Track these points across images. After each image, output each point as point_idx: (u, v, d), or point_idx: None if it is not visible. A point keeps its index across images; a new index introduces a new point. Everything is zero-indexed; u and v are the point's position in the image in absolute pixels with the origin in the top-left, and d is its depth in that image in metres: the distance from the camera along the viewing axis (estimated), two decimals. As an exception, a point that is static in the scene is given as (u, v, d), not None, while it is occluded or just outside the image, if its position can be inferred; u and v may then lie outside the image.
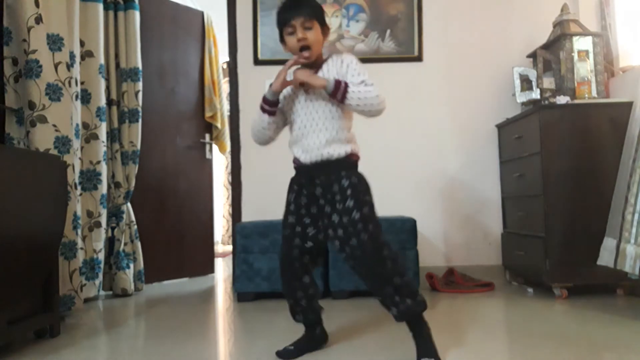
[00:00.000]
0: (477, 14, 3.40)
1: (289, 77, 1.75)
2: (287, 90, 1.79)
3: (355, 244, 1.61)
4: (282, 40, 1.78)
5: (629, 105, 2.47)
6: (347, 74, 1.71)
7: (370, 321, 2.25)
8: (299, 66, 1.76)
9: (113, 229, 3.15)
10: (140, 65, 3.26)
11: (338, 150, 1.71)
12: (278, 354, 1.76)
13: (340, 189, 1.68)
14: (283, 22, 1.73)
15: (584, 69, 2.84)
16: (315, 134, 1.72)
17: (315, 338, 1.84)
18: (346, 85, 1.66)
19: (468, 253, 3.32)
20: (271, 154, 3.41)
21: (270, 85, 1.75)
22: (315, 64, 1.76)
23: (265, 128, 1.80)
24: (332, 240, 1.69)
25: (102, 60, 3.00)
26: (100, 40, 2.99)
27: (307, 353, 1.79)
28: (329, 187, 1.70)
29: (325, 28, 1.77)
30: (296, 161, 1.80)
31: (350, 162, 1.73)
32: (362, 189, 1.70)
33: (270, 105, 1.77)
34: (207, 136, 3.95)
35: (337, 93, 1.65)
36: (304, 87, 1.72)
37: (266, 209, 3.15)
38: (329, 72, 1.74)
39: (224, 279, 3.76)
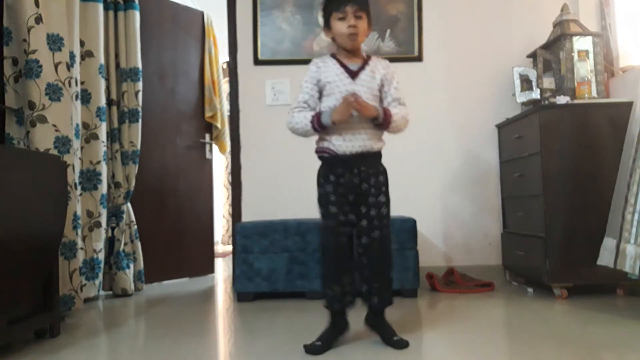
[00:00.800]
0: (477, 14, 3.40)
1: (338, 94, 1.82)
2: (332, 77, 1.83)
3: (377, 236, 1.81)
4: (327, 25, 1.85)
5: (629, 105, 2.47)
6: (391, 83, 1.88)
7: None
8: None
9: (113, 229, 3.15)
10: (140, 65, 3.26)
11: (378, 144, 1.86)
12: (306, 349, 1.77)
13: (376, 183, 1.83)
14: (335, 7, 1.79)
15: (584, 69, 2.84)
16: (361, 125, 1.81)
17: (341, 325, 1.87)
18: (390, 115, 1.82)
19: (468, 253, 3.32)
20: (271, 154, 3.42)
21: (330, 115, 1.78)
22: (356, 54, 1.86)
23: (306, 135, 1.88)
24: (362, 222, 1.83)
25: (102, 60, 3.00)
26: (100, 40, 2.99)
27: (333, 345, 1.82)
28: (368, 178, 1.82)
29: (370, 22, 1.85)
30: (329, 151, 1.83)
31: (381, 156, 1.90)
32: (388, 187, 1.88)
33: (324, 129, 1.83)
34: (207, 136, 3.95)
35: (384, 124, 1.82)
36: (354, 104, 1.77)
37: (266, 209, 3.16)
38: (377, 70, 1.86)
39: (224, 279, 3.76)
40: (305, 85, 1.87)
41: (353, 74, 1.84)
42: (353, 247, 1.86)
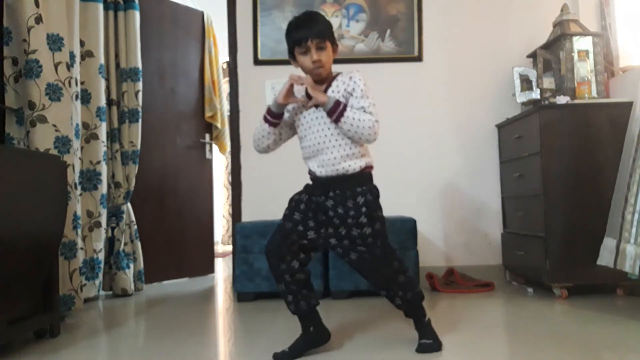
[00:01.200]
0: (477, 14, 3.40)
1: (297, 93, 1.80)
2: (295, 106, 1.83)
3: (364, 248, 1.73)
4: (292, 56, 1.82)
5: (629, 105, 2.46)
6: (353, 93, 1.76)
7: (371, 320, 2.25)
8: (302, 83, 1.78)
9: (113, 229, 3.15)
10: (140, 65, 3.26)
11: (353, 166, 1.76)
12: (275, 356, 1.74)
13: (355, 206, 1.73)
14: (296, 41, 1.76)
15: (584, 69, 2.84)
16: (329, 151, 1.76)
17: (311, 336, 1.80)
18: (344, 108, 1.71)
19: (468, 253, 3.32)
20: (271, 154, 3.40)
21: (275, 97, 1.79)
22: (324, 80, 1.81)
23: (265, 137, 1.84)
24: (334, 248, 1.78)
25: (102, 60, 3.00)
26: (100, 40, 2.99)
27: (304, 354, 1.76)
28: (344, 202, 1.74)
29: (335, 46, 1.81)
30: (312, 173, 1.83)
31: (365, 175, 1.80)
32: (376, 206, 1.77)
33: (273, 117, 1.81)
34: (207, 136, 3.95)
35: (334, 114, 1.72)
36: (311, 101, 1.76)
37: (266, 209, 3.15)
38: (338, 88, 1.78)
39: (224, 279, 3.76)
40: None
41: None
42: (297, 255, 1.78)
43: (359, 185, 1.77)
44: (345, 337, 1.97)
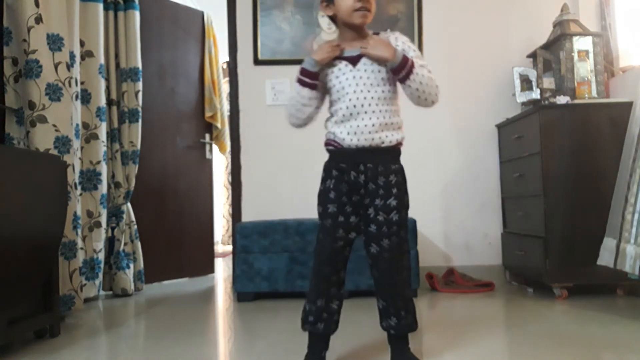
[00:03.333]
0: (477, 13, 3.40)
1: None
2: (330, 67, 1.60)
3: (387, 245, 1.55)
4: (327, 1, 1.58)
5: (629, 105, 2.46)
6: (408, 52, 1.56)
7: (370, 321, 2.24)
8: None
9: (113, 229, 3.15)
10: (140, 65, 3.26)
11: (390, 137, 1.58)
12: None
13: (386, 184, 1.57)
14: None
15: (584, 69, 2.84)
16: (367, 116, 1.55)
17: (321, 349, 1.62)
18: (413, 63, 1.52)
19: (468, 253, 3.32)
20: (271, 154, 3.42)
21: (311, 56, 1.57)
22: (360, 35, 1.60)
23: (307, 105, 1.60)
24: (362, 233, 1.61)
25: (102, 60, 3.00)
26: (100, 40, 2.99)
27: None
28: (375, 178, 1.56)
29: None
30: (335, 143, 1.60)
31: (398, 151, 1.64)
32: (405, 189, 1.63)
33: (312, 77, 1.57)
34: (207, 136, 3.95)
35: (402, 70, 1.51)
36: (346, 59, 1.55)
37: (266, 209, 3.15)
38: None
39: (224, 279, 3.76)
40: None
41: (353, 60, 1.58)
42: (346, 261, 1.62)
43: (393, 162, 1.60)
44: (345, 337, 1.97)
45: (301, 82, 1.58)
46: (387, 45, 1.53)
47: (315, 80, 1.58)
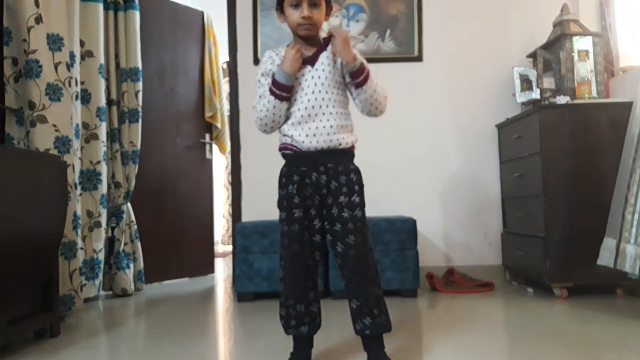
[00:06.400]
0: (477, 14, 3.40)
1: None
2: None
3: (352, 242, 1.55)
4: (280, 9, 1.64)
5: (629, 105, 2.46)
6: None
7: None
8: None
9: (113, 229, 3.15)
10: (140, 65, 3.26)
11: (346, 139, 1.60)
12: None
13: (347, 181, 1.58)
14: None
15: (584, 69, 2.84)
16: (325, 117, 1.58)
17: (307, 350, 1.66)
18: (369, 70, 1.58)
19: (468, 253, 3.32)
20: (271, 154, 3.40)
21: (280, 68, 1.59)
22: (311, 41, 1.65)
23: (282, 116, 1.61)
24: (327, 233, 1.61)
25: (102, 60, 3.00)
26: (100, 40, 2.99)
27: None
28: (337, 176, 1.58)
29: (329, 8, 1.65)
30: (293, 147, 1.61)
31: (353, 153, 1.65)
32: (363, 188, 1.63)
33: (287, 90, 1.58)
34: (207, 136, 3.95)
35: (361, 75, 1.57)
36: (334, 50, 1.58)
37: (266, 209, 3.14)
38: (336, 55, 1.61)
39: (224, 279, 3.76)
40: (261, 81, 1.65)
41: (311, 60, 1.61)
42: (317, 265, 1.65)
43: (350, 162, 1.62)
44: (345, 337, 1.97)
45: (278, 97, 1.58)
46: (350, 47, 1.58)
47: (290, 92, 1.60)
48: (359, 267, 1.56)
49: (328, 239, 1.61)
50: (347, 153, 1.63)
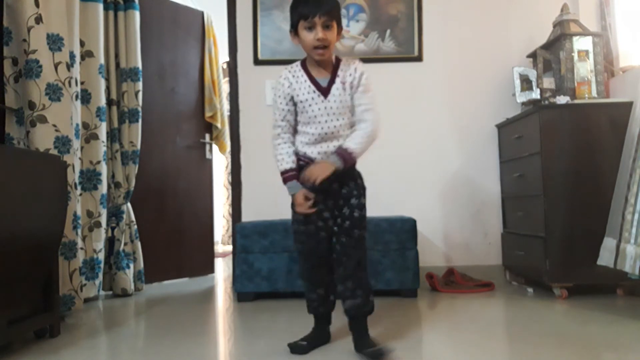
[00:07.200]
0: (477, 14, 3.40)
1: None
2: (304, 96, 1.77)
3: (357, 235, 1.77)
4: (295, 31, 1.77)
5: (629, 105, 2.46)
6: (358, 87, 1.75)
7: (371, 320, 2.24)
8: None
9: (113, 229, 3.15)
10: (140, 65, 3.26)
11: None
12: (291, 347, 1.79)
13: (356, 186, 1.80)
14: (303, 16, 1.70)
15: (584, 69, 2.84)
16: (336, 139, 1.78)
17: (326, 333, 1.90)
18: (350, 152, 1.73)
19: (468, 253, 3.32)
20: (271, 154, 3.40)
21: (294, 189, 1.79)
22: (327, 64, 1.78)
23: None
24: (334, 228, 1.80)
25: (102, 60, 3.00)
26: (100, 40, 2.99)
27: (317, 348, 1.83)
28: (347, 183, 1.78)
29: (340, 28, 1.77)
30: (306, 159, 1.80)
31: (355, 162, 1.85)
32: (365, 189, 1.85)
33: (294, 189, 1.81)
34: (207, 136, 3.95)
35: (348, 164, 1.74)
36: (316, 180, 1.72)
37: (266, 209, 3.15)
38: (344, 79, 1.76)
39: (224, 279, 3.76)
40: (279, 102, 1.80)
41: (324, 91, 1.76)
42: (332, 262, 1.84)
43: (354, 169, 1.83)
44: (344, 337, 1.97)
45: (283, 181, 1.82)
46: (326, 164, 1.72)
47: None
48: (357, 255, 1.77)
49: (334, 232, 1.80)
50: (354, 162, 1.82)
